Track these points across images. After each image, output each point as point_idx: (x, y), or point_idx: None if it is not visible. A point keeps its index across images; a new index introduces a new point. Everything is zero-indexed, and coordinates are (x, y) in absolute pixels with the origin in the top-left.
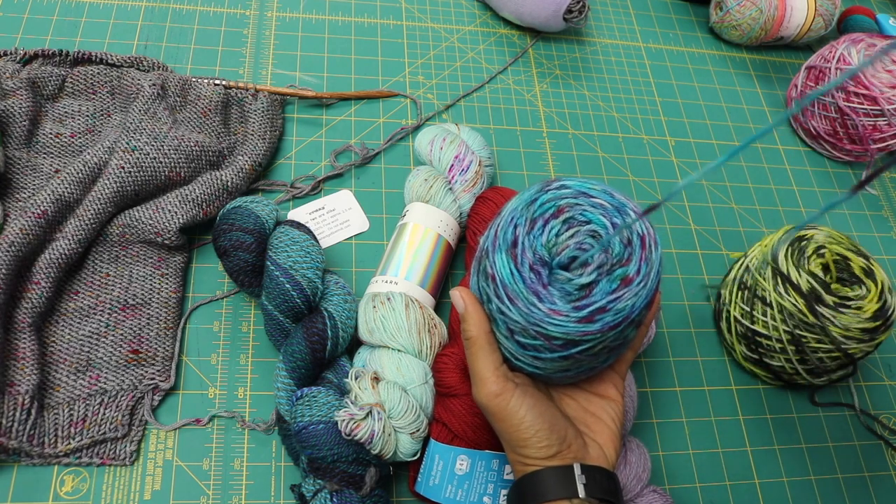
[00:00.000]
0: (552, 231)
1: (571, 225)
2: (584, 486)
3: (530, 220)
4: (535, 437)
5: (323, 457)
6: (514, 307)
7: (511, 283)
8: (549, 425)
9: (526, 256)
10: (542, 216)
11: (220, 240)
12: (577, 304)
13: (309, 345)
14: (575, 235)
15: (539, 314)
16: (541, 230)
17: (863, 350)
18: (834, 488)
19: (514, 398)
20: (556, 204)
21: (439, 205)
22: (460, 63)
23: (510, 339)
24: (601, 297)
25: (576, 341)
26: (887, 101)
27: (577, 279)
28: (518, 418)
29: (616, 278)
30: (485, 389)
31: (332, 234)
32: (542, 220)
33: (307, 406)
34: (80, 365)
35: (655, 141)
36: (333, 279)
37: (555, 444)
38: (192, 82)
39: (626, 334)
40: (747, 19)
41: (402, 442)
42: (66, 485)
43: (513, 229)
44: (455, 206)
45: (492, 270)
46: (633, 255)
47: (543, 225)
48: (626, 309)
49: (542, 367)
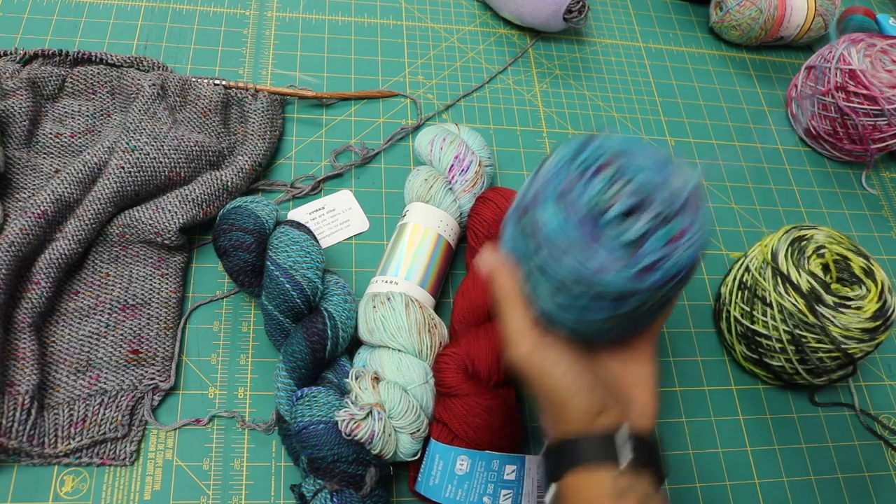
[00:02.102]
0: (599, 185)
1: (618, 179)
2: (628, 454)
3: (577, 173)
4: (574, 399)
5: (323, 457)
6: (563, 262)
7: (560, 236)
8: (589, 385)
9: (575, 209)
10: (589, 169)
11: (220, 240)
12: (627, 261)
13: (309, 345)
14: (623, 190)
15: (590, 268)
16: (588, 183)
17: (863, 350)
18: (834, 488)
19: (550, 357)
20: (602, 157)
21: (439, 205)
22: (460, 63)
23: (552, 298)
24: (651, 254)
25: (624, 299)
26: (887, 101)
27: (626, 234)
28: (555, 378)
29: (665, 235)
30: (519, 348)
31: (332, 234)
32: (589, 173)
33: (307, 406)
34: (80, 365)
35: (656, 141)
36: (333, 279)
37: (596, 405)
38: (192, 82)
39: (672, 293)
40: (747, 19)
41: (403, 442)
42: (66, 485)
43: (560, 181)
44: (455, 206)
45: (537, 224)
46: (682, 211)
47: (591, 178)
48: (675, 266)
49: (583, 328)
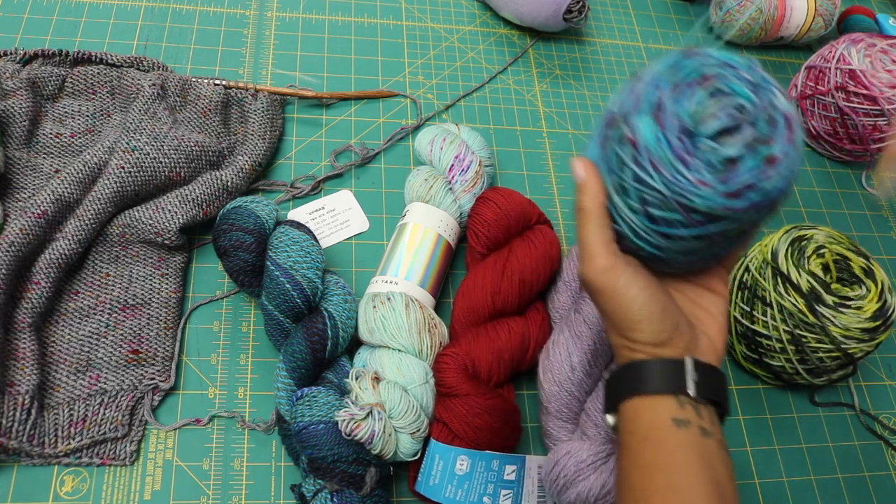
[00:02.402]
0: (697, 99)
1: (716, 95)
2: (694, 384)
3: (675, 85)
4: (646, 321)
5: (323, 457)
6: (657, 174)
7: (656, 149)
8: (662, 308)
9: (672, 121)
10: (687, 83)
11: (220, 240)
12: (723, 178)
13: (309, 345)
14: (721, 107)
15: (685, 183)
16: (686, 97)
17: (863, 350)
18: (834, 488)
19: (626, 275)
20: (701, 71)
21: (439, 205)
22: (460, 63)
23: (639, 213)
24: (748, 173)
25: (717, 217)
26: (887, 101)
27: (724, 152)
28: (629, 298)
29: (761, 156)
30: (594, 263)
31: (332, 234)
32: (686, 87)
33: (307, 406)
34: (80, 365)
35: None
36: (333, 279)
37: (667, 330)
38: (192, 82)
39: (758, 220)
40: (747, 19)
41: (403, 442)
42: (66, 485)
43: (657, 92)
44: (455, 206)
45: (633, 135)
46: (779, 134)
47: (689, 91)
48: (771, 189)
49: (668, 246)
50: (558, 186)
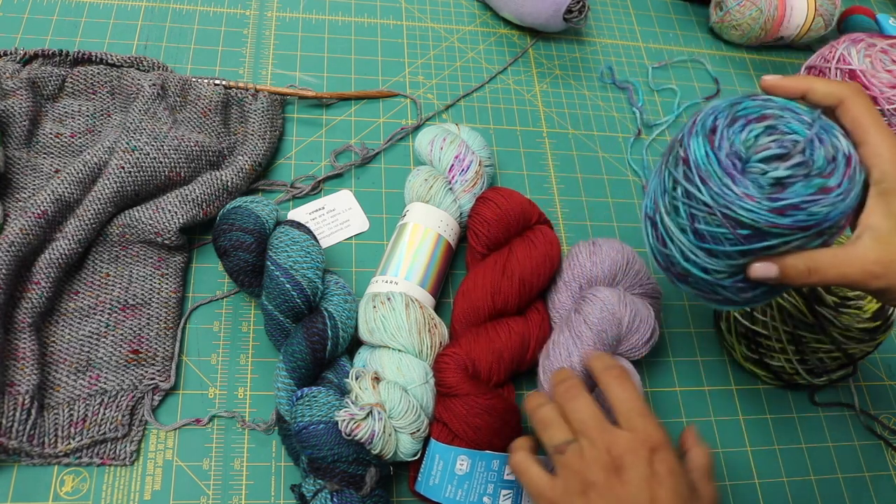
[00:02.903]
0: (752, 132)
1: (772, 132)
2: None
3: (732, 117)
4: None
5: (323, 457)
6: (705, 187)
7: (704, 164)
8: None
9: (723, 143)
10: (745, 117)
11: (220, 240)
12: (770, 195)
13: (309, 345)
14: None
15: (731, 196)
16: (741, 128)
17: (863, 350)
18: (834, 488)
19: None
20: (760, 111)
21: (439, 205)
22: (460, 63)
23: (687, 231)
24: (796, 196)
25: (762, 234)
26: (887, 101)
27: (772, 171)
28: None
29: (814, 185)
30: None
31: (332, 234)
32: (743, 120)
33: (307, 406)
34: (80, 365)
35: (656, 141)
36: (333, 279)
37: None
38: (192, 82)
39: (806, 243)
40: (747, 19)
41: (403, 442)
42: (66, 485)
43: (713, 119)
44: (455, 206)
45: (685, 153)
46: (837, 170)
47: (744, 125)
48: (819, 214)
49: (715, 267)
50: (558, 186)
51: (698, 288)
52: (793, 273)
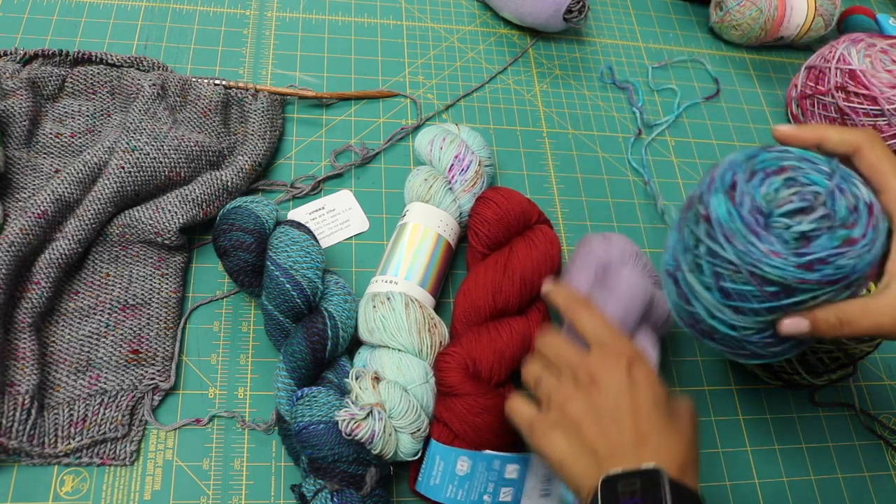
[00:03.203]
0: (772, 185)
1: (792, 185)
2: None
3: (750, 171)
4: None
5: (323, 457)
6: (730, 245)
7: (727, 222)
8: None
9: (744, 199)
10: (763, 170)
11: (220, 240)
12: (796, 251)
13: (309, 345)
14: (795, 192)
15: (757, 253)
16: (760, 182)
17: (863, 350)
18: (834, 488)
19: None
20: (778, 163)
21: (439, 205)
22: (460, 63)
23: (713, 289)
24: (822, 249)
25: (790, 290)
26: (887, 101)
27: (796, 226)
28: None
29: (839, 237)
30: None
31: (332, 234)
32: (762, 174)
33: (307, 406)
34: (80, 365)
35: (656, 141)
36: (333, 279)
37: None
38: (192, 82)
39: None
40: (747, 19)
41: (403, 442)
42: (66, 485)
43: (731, 174)
44: (455, 205)
45: (706, 211)
46: (860, 220)
47: (763, 178)
48: (846, 267)
49: (742, 324)
50: (558, 186)
51: (725, 344)
52: (824, 327)
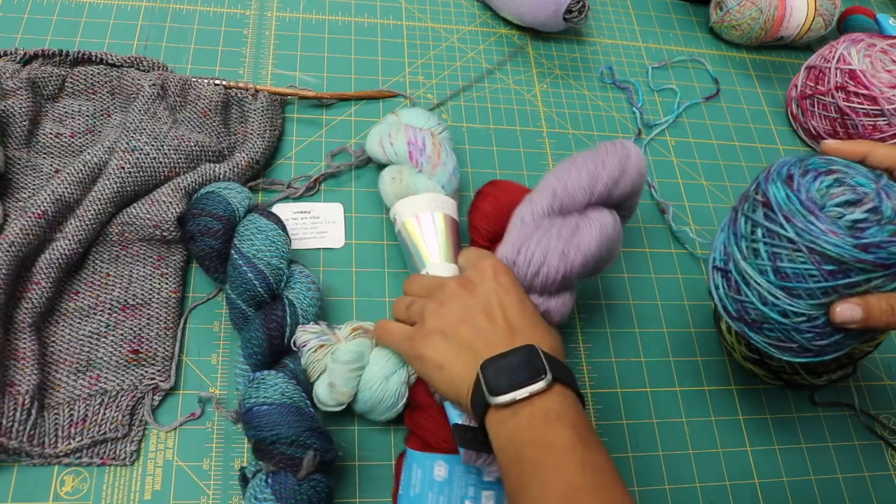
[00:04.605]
0: (823, 182)
1: (842, 184)
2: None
3: (804, 169)
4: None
5: (264, 437)
6: (790, 224)
7: (787, 204)
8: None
9: (801, 188)
10: (815, 170)
11: (188, 224)
12: (851, 234)
13: (266, 332)
14: (844, 189)
15: (817, 230)
16: (813, 178)
17: (863, 350)
18: (834, 488)
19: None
20: (828, 166)
21: (418, 191)
22: (460, 63)
23: (768, 273)
24: (874, 236)
25: (846, 270)
26: (887, 101)
27: (849, 214)
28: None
29: (888, 230)
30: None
31: (305, 239)
32: (814, 172)
33: (255, 388)
34: (80, 365)
35: (656, 141)
36: (298, 269)
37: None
38: (192, 82)
39: (884, 284)
40: (747, 19)
41: (320, 388)
42: (67, 485)
43: (787, 169)
44: (433, 182)
45: (765, 197)
46: None
47: (816, 175)
48: None
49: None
50: None
51: (774, 335)
52: (877, 312)
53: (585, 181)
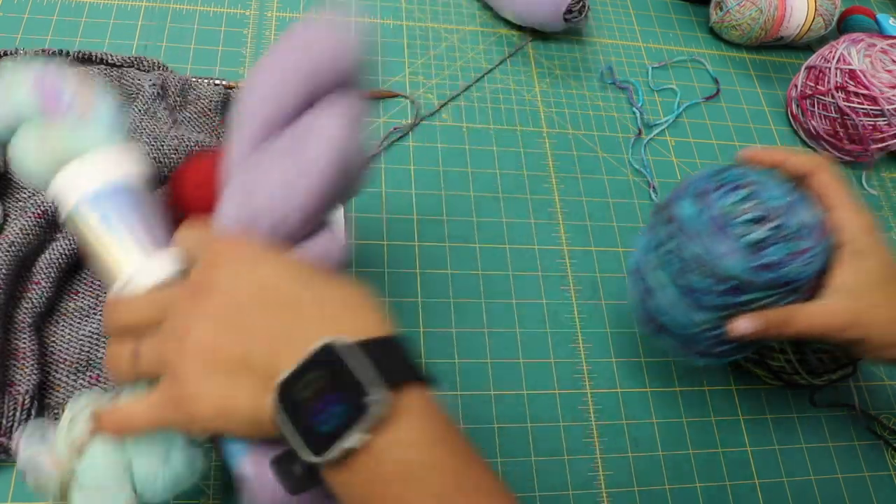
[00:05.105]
0: (735, 197)
1: (754, 199)
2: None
3: (718, 183)
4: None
5: None
6: (694, 242)
7: (695, 222)
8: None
9: (709, 206)
10: (729, 184)
11: None
12: (750, 253)
13: None
14: (754, 206)
15: (718, 250)
16: (725, 194)
17: None
18: (834, 488)
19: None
20: (743, 178)
21: (83, 151)
22: (460, 63)
23: (672, 285)
24: (773, 255)
25: (742, 288)
26: (887, 101)
27: (751, 235)
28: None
29: (789, 247)
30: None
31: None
32: (728, 186)
33: None
34: (79, 365)
35: (656, 141)
36: None
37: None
38: (192, 82)
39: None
40: (747, 19)
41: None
42: None
43: (702, 184)
44: (94, 133)
45: (675, 213)
46: (809, 234)
47: (728, 191)
48: (793, 273)
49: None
50: (558, 186)
51: (679, 340)
52: (771, 325)
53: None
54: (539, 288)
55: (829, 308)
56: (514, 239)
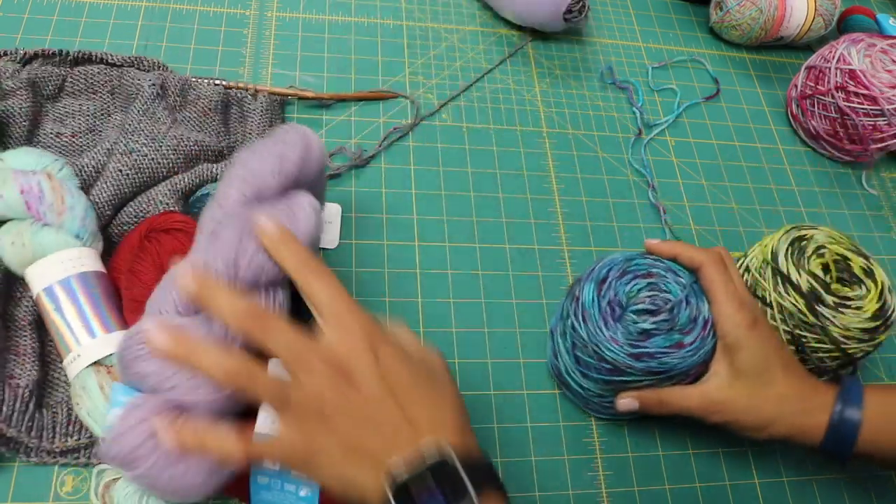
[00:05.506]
0: (637, 286)
1: (653, 288)
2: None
3: (623, 271)
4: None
5: None
6: (585, 326)
7: (589, 307)
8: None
9: (609, 292)
10: (634, 272)
11: None
12: (632, 342)
13: None
14: (651, 296)
15: (601, 337)
16: (628, 281)
17: (863, 350)
18: (834, 488)
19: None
20: (648, 269)
21: (47, 251)
22: (460, 63)
23: (570, 353)
24: (654, 347)
25: (620, 371)
26: (887, 101)
27: (640, 324)
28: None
29: (672, 340)
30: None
31: None
32: (632, 275)
33: None
34: None
35: (656, 141)
36: None
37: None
38: (192, 82)
39: (658, 384)
40: (747, 19)
41: None
42: (67, 485)
43: (606, 270)
44: (63, 235)
45: (578, 294)
46: (695, 329)
47: (631, 279)
48: (669, 364)
49: (587, 385)
50: (558, 186)
51: (576, 397)
52: (648, 404)
53: (273, 162)
54: (539, 288)
55: (699, 393)
56: (514, 239)
